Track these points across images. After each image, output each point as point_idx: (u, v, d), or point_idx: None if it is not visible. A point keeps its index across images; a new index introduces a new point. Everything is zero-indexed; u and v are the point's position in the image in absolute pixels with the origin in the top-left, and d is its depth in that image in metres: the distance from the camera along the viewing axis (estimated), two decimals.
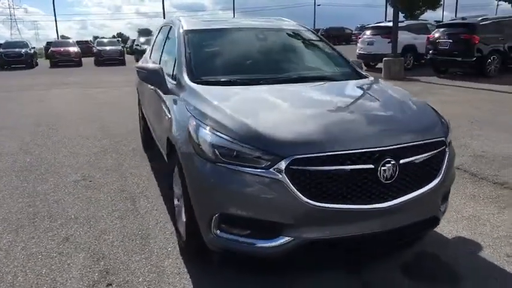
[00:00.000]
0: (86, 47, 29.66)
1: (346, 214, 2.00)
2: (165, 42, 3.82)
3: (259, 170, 1.97)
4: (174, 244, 2.81)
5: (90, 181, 4.10)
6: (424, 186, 2.17)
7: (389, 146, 2.04)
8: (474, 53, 10.72)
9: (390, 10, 49.38)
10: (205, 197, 2.13)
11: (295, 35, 3.67)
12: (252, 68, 3.14)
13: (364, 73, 3.27)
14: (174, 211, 2.85)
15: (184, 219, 2.45)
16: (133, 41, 32.84)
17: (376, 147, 2.02)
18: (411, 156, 2.10)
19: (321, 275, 2.42)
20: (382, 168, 1.99)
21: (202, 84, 2.73)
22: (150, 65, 3.16)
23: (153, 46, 4.63)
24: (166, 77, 3.06)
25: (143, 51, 24.77)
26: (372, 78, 3.14)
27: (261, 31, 3.57)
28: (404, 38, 12.92)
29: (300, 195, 1.93)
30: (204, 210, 2.15)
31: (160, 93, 3.12)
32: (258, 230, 2.05)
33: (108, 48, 23.43)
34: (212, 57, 3.26)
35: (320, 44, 3.61)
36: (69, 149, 5.30)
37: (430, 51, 11.84)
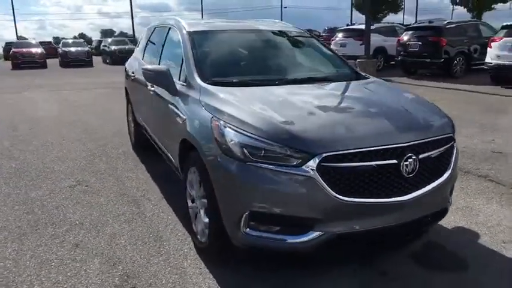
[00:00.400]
0: (48, 48, 28.48)
1: (372, 208, 2.10)
2: (164, 43, 3.80)
3: (290, 168, 2.04)
4: (189, 245, 2.82)
5: (86, 186, 4.00)
6: (437, 179, 2.31)
7: (410, 142, 2.17)
8: (442, 54, 11.29)
9: (355, 13, 50.95)
10: (234, 196, 2.16)
11: (296, 36, 3.76)
12: (260, 69, 3.19)
13: (363, 73, 3.41)
14: (188, 213, 2.87)
15: (207, 220, 2.47)
16: (100, 41, 31.96)
17: (398, 144, 2.14)
18: (428, 151, 2.24)
19: (339, 268, 2.52)
20: (405, 163, 2.12)
21: (215, 85, 2.76)
22: (158, 66, 3.14)
23: (145, 47, 4.57)
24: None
25: (113, 52, 24.09)
26: (374, 78, 3.28)
27: (263, 33, 3.63)
28: (375, 40, 13.38)
29: (330, 190, 2.01)
30: (233, 209, 2.19)
31: (167, 95, 3.11)
32: (288, 226, 2.11)
33: (74, 49, 22.66)
34: (221, 59, 3.29)
35: (319, 45, 3.72)
36: (55, 153, 5.13)
37: (401, 53, 12.34)
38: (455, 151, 2.48)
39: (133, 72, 4.64)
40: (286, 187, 2.05)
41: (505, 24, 10.07)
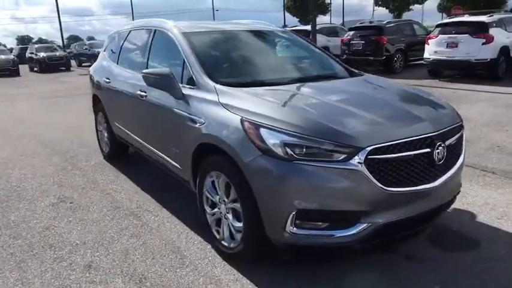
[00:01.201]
0: None
1: (411, 195, 2.20)
2: (151, 47, 3.61)
3: (336, 163, 2.06)
4: (211, 252, 2.72)
5: (71, 202, 3.68)
6: (456, 164, 2.49)
7: (438, 131, 2.31)
8: (383, 52, 12.06)
9: (287, 15, 52.64)
10: (279, 196, 2.13)
11: (287, 36, 3.80)
12: (264, 69, 3.18)
13: (355, 70, 3.54)
14: (204, 219, 2.77)
15: (239, 224, 2.41)
16: (23, 48, 29.41)
17: (429, 133, 2.26)
18: (450, 139, 2.41)
19: (366, 257, 2.60)
20: (436, 150, 2.25)
21: (229, 85, 2.69)
22: (161, 70, 2.97)
23: (120, 51, 4.31)
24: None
25: (42, 60, 22.29)
26: (369, 74, 3.41)
27: (256, 33, 3.62)
28: (319, 40, 13.93)
29: (377, 182, 2.07)
30: (277, 210, 2.15)
31: (169, 99, 2.97)
32: (336, 221, 2.13)
33: None
34: (225, 59, 3.22)
35: (310, 44, 3.80)
36: (18, 170, 4.65)
37: (346, 52, 12.96)
38: (464, 137, 2.68)
39: (107, 79, 4.35)
40: (334, 182, 2.07)
41: (439, 22, 11.04)
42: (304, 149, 2.10)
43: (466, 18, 10.62)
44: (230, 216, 2.51)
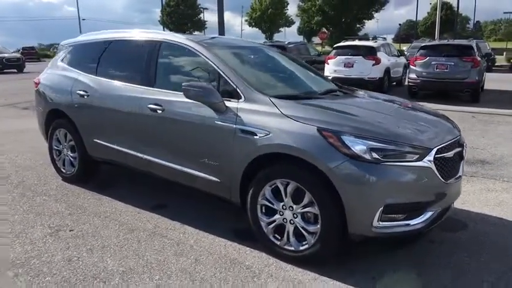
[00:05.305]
0: None
1: (453, 186, 2.75)
2: (158, 59, 3.49)
3: (414, 162, 2.48)
4: (271, 259, 2.81)
5: (71, 230, 3.26)
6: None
7: (460, 133, 2.93)
8: None
9: (154, 28, 52.94)
10: (369, 195, 2.43)
11: (282, 53, 4.13)
12: (289, 83, 3.42)
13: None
14: (261, 227, 2.87)
15: (314, 227, 2.61)
16: None
17: (457, 136, 2.88)
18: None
19: (394, 244, 3.04)
20: (464, 149, 2.86)
21: (279, 98, 2.88)
22: (204, 84, 2.91)
23: (99, 63, 3.98)
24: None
25: None
26: (366, 91, 3.94)
27: (265, 49, 3.87)
28: None
29: (440, 176, 2.56)
30: (367, 207, 2.44)
31: (208, 112, 2.98)
32: (411, 212, 2.53)
33: None
34: (256, 74, 3.34)
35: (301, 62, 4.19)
36: None
37: None
38: None
39: (84, 92, 3.95)
40: (412, 179, 2.48)
41: (335, 45, 12.65)
42: (386, 152, 2.45)
43: (358, 42, 12.46)
44: (299, 220, 2.68)
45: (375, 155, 2.43)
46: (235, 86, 2.97)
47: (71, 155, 4.32)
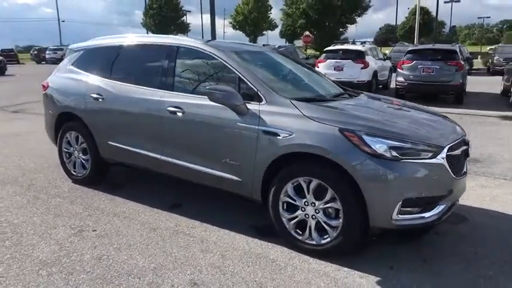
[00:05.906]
0: None
1: (460, 182, 2.96)
2: (175, 63, 3.61)
3: (429, 160, 2.68)
4: (293, 252, 2.97)
5: (94, 230, 3.34)
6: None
7: (465, 133, 3.16)
8: None
9: (135, 30, 52.61)
10: (389, 190, 2.62)
11: (290, 58, 4.30)
12: (300, 87, 3.60)
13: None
14: (283, 223, 3.02)
15: (336, 222, 2.79)
16: None
17: (463, 135, 3.10)
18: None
19: (404, 237, 3.26)
20: (468, 148, 3.09)
21: (299, 101, 3.05)
22: (227, 87, 3.06)
23: (112, 67, 4.07)
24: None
25: None
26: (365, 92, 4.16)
27: (271, 54, 4.03)
28: None
29: (451, 172, 2.77)
30: (387, 202, 2.63)
31: (230, 114, 3.12)
32: (426, 205, 2.73)
33: None
34: (275, 77, 3.50)
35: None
36: None
37: None
38: None
39: (99, 95, 4.03)
40: (427, 174, 2.68)
41: (325, 49, 12.95)
42: (404, 150, 2.65)
43: (347, 46, 12.80)
44: (321, 215, 2.85)
45: (394, 153, 2.63)
46: (256, 90, 3.12)
47: (83, 157, 4.37)
